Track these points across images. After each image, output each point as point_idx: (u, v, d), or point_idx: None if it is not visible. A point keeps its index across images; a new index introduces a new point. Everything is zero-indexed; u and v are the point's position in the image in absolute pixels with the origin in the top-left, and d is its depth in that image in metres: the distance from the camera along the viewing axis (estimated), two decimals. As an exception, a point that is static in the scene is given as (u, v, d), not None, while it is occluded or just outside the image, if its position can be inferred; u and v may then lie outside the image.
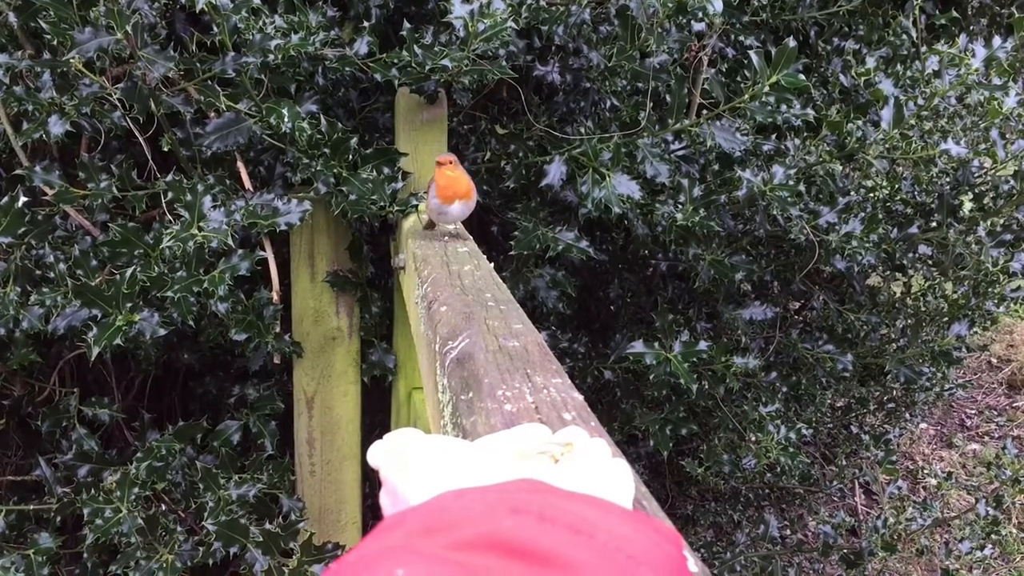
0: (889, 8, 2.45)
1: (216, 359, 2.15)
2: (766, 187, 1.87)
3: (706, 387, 2.14)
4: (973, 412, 4.44)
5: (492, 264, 1.32)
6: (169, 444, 1.78)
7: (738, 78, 2.00)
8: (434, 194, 1.45)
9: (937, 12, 2.26)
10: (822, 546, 2.41)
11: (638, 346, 1.94)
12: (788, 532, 2.92)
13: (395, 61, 1.71)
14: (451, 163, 1.47)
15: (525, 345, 0.86)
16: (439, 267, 1.23)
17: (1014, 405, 4.43)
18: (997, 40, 1.77)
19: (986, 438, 4.23)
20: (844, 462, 2.94)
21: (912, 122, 1.87)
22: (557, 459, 0.51)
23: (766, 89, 1.74)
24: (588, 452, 0.52)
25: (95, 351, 1.50)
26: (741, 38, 2.19)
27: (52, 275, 1.60)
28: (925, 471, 3.92)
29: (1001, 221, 2.05)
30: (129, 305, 1.53)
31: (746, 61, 1.77)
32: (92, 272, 1.60)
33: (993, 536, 2.27)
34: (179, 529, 1.76)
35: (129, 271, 1.52)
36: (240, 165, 1.75)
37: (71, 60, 1.42)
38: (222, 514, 1.70)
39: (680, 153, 2.04)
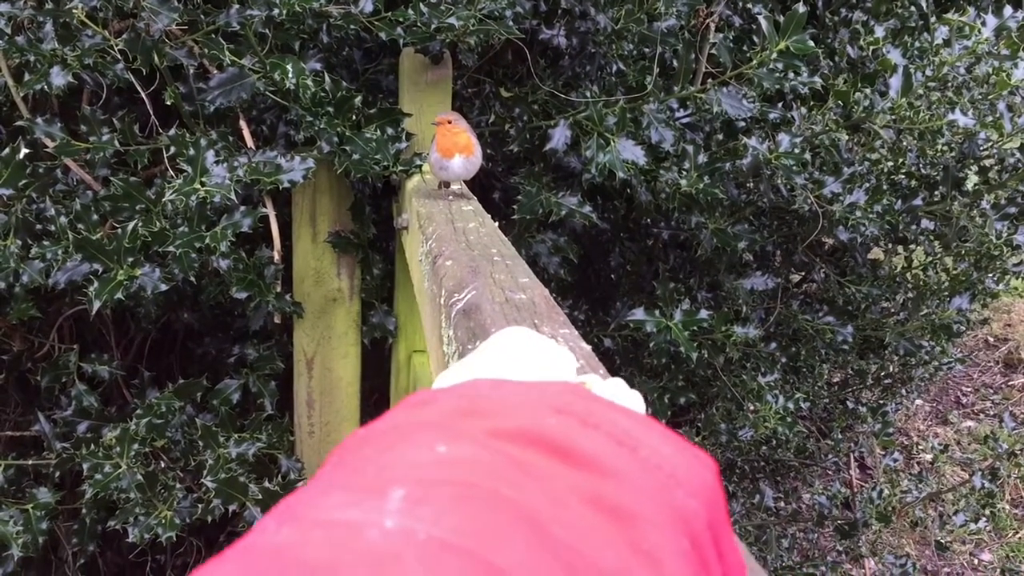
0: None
1: (216, 319, 2.15)
2: (771, 155, 1.86)
3: (706, 356, 2.14)
4: (969, 390, 4.45)
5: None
6: (169, 401, 1.78)
7: (745, 47, 1.99)
8: (435, 149, 1.44)
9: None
10: (817, 516, 2.43)
11: (639, 314, 1.93)
12: (783, 503, 2.94)
13: (401, 20, 1.69)
14: (450, 122, 1.46)
15: (532, 298, 0.85)
16: (444, 224, 1.22)
17: (1010, 383, 4.44)
18: (1008, 10, 1.76)
19: (981, 415, 4.25)
20: (840, 436, 2.94)
21: (920, 92, 1.86)
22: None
23: (774, 55, 1.73)
24: (607, 384, 0.51)
25: (95, 305, 1.49)
26: (749, 6, 2.17)
27: (53, 229, 1.60)
28: (920, 446, 3.94)
29: (1006, 194, 2.05)
30: (131, 260, 1.52)
31: (754, 27, 1.75)
32: (93, 226, 1.59)
33: (987, 510, 2.28)
34: (178, 486, 1.77)
35: (131, 225, 1.51)
36: (243, 122, 1.74)
37: (74, 10, 1.40)
38: (221, 472, 1.71)
39: (685, 120, 2.02)
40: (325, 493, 0.31)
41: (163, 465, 1.84)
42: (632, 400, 0.48)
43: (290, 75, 1.55)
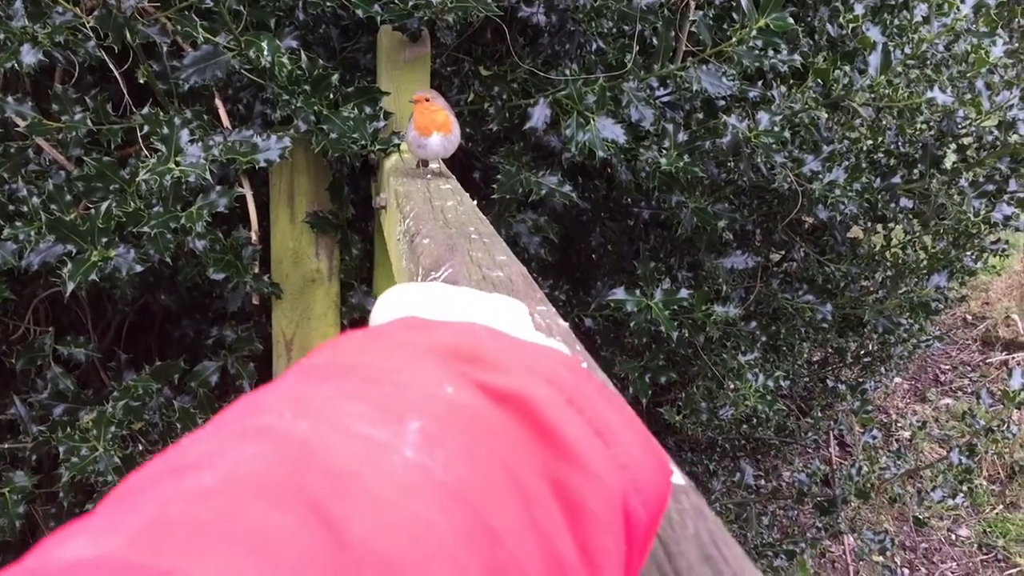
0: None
1: (193, 301, 2.13)
2: (751, 133, 1.86)
3: (686, 335, 2.15)
4: (947, 368, 4.49)
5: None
6: (146, 383, 1.77)
7: (725, 25, 1.98)
8: (412, 127, 1.43)
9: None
10: (796, 494, 2.44)
11: (619, 293, 1.93)
12: (763, 481, 2.96)
13: (377, -4, 1.67)
14: (427, 99, 1.45)
15: (509, 275, 0.85)
16: (422, 202, 1.21)
17: (987, 361, 4.49)
18: (987, -13, 1.76)
19: (959, 393, 4.28)
20: (819, 414, 2.96)
21: (899, 69, 1.86)
22: None
23: (754, 33, 1.72)
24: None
25: (69, 287, 1.47)
26: (729, -17, 2.16)
27: (25, 209, 1.57)
28: (899, 424, 3.97)
29: (984, 172, 2.05)
30: (104, 240, 1.50)
31: (734, 4, 1.74)
32: (66, 207, 1.57)
33: (965, 485, 2.30)
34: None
35: (104, 205, 1.49)
36: (218, 101, 1.72)
37: (43, -14, 1.38)
38: (200, 454, 1.69)
39: (665, 99, 2.02)
40: (340, 398, 0.31)
41: (141, 448, 1.82)
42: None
43: (265, 53, 1.53)
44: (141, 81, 1.57)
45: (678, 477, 0.48)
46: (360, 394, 0.31)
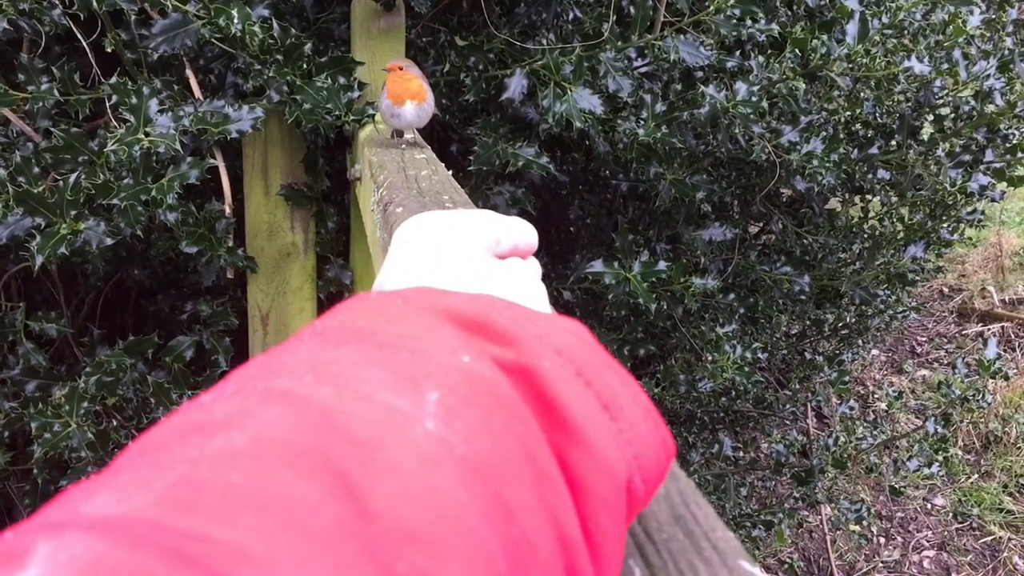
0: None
1: (167, 276, 2.10)
2: (729, 104, 1.85)
3: (665, 308, 2.15)
4: (923, 339, 4.53)
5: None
6: (119, 358, 1.75)
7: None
8: (385, 96, 1.41)
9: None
10: (774, 464, 2.46)
11: (597, 265, 1.93)
12: (741, 453, 2.97)
13: (350, -36, 1.64)
14: (401, 68, 1.43)
15: (482, 242, 0.83)
16: (396, 172, 1.19)
17: (963, 333, 4.52)
18: (965, -45, 1.75)
19: (935, 364, 4.32)
20: (797, 386, 2.98)
21: (876, 39, 1.85)
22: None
23: (731, 1, 1.71)
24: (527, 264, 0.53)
25: (38, 260, 1.45)
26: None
27: (-8, 182, 1.54)
28: (876, 395, 4.00)
29: (960, 142, 2.05)
30: (74, 213, 1.48)
31: (712, -28, 1.73)
32: (34, 179, 1.54)
33: (940, 455, 2.32)
34: (130, 443, 1.73)
35: (73, 177, 1.46)
36: (189, 72, 1.69)
37: (6, -48, 1.34)
38: (175, 429, 1.68)
39: (643, 70, 2.00)
40: (360, 364, 0.31)
41: (115, 423, 1.80)
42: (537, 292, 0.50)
43: (235, 21, 1.50)
44: (109, 50, 1.53)
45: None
46: (379, 360, 0.31)
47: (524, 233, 0.54)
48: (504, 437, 0.30)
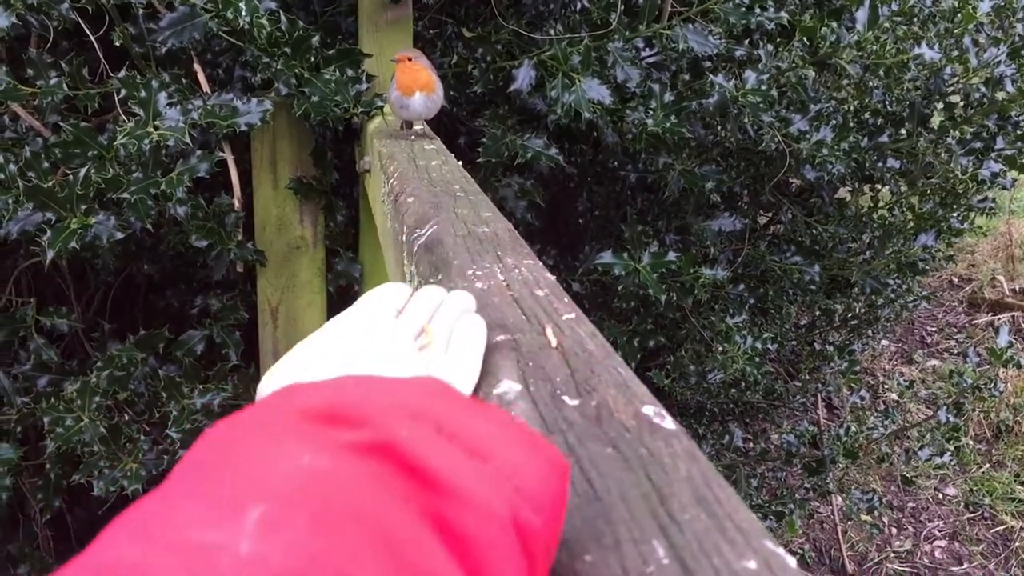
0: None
1: (177, 270, 2.11)
2: (738, 93, 1.84)
3: (674, 299, 2.14)
4: (933, 329, 4.51)
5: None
6: (130, 353, 1.75)
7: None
8: (394, 87, 1.41)
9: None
10: (785, 455, 2.45)
11: (607, 256, 1.92)
12: (752, 444, 2.97)
13: (357, -45, 1.64)
14: (410, 59, 1.42)
15: (495, 231, 0.83)
16: (406, 163, 1.19)
17: (973, 322, 4.51)
18: (975, -60, 1.74)
19: (946, 355, 4.31)
20: (807, 377, 2.97)
21: (887, 26, 1.84)
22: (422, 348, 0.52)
23: (740, -10, 1.70)
24: (444, 333, 0.53)
25: (49, 255, 1.45)
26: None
27: (2, 177, 1.54)
28: (886, 386, 3.99)
29: (971, 130, 2.04)
30: (84, 207, 1.48)
31: (720, -40, 1.72)
32: (44, 174, 1.54)
33: (952, 444, 2.31)
34: (143, 438, 1.74)
35: (83, 172, 1.46)
36: (197, 66, 1.69)
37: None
38: (186, 422, 1.68)
39: (652, 60, 1.99)
40: (180, 506, 0.31)
41: (127, 418, 1.81)
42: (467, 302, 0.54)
43: (243, 13, 1.50)
44: (117, 44, 1.53)
45: (668, 422, 0.47)
46: (203, 493, 0.31)
47: (429, 296, 0.58)
48: (343, 526, 0.30)
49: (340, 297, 2.02)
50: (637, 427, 0.46)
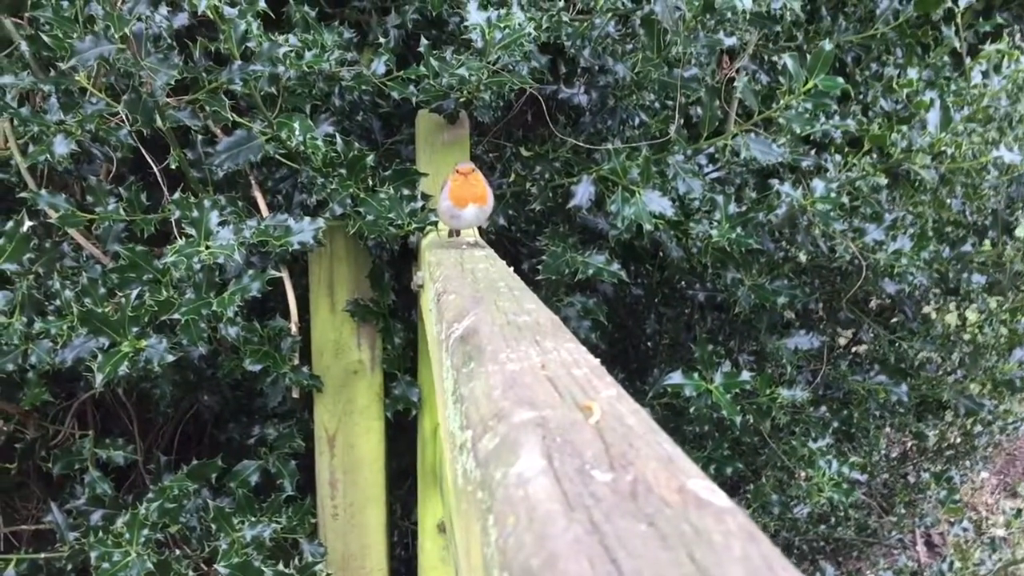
0: (928, 29, 2.36)
1: (238, 402, 2.07)
2: (807, 201, 1.77)
3: (751, 422, 2.01)
4: (1038, 459, 4.21)
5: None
6: (182, 484, 1.70)
7: (773, 100, 1.92)
8: (446, 196, 1.37)
9: (979, 20, 2.15)
10: (884, 594, 2.24)
11: (676, 377, 1.83)
12: (846, 584, 2.74)
13: (412, 77, 1.65)
14: (472, 171, 1.39)
15: (537, 319, 0.76)
16: (453, 267, 1.14)
17: (1082, 451, 4.20)
18: (1048, 36, 1.67)
19: (1054, 486, 4.00)
20: (903, 511, 2.76)
21: (960, 128, 1.77)
22: None
23: (802, 96, 1.66)
24: None
25: (99, 379, 1.42)
26: (775, 59, 2.11)
27: (59, 303, 1.54)
28: (990, 521, 3.70)
29: (1061, 235, 1.93)
30: (136, 331, 1.46)
31: (780, 67, 1.68)
32: (100, 300, 1.53)
33: (1072, 581, 2.08)
34: (191, 574, 1.66)
35: (134, 294, 1.45)
36: (256, 191, 1.69)
37: (75, 76, 1.37)
38: (235, 556, 1.60)
39: (715, 175, 1.95)
40: None
41: (178, 553, 1.74)
42: None
43: (297, 133, 1.50)
44: (173, 167, 1.55)
45: (721, 498, 0.39)
46: None
47: None
48: None
49: (399, 423, 1.95)
50: (681, 502, 0.38)
